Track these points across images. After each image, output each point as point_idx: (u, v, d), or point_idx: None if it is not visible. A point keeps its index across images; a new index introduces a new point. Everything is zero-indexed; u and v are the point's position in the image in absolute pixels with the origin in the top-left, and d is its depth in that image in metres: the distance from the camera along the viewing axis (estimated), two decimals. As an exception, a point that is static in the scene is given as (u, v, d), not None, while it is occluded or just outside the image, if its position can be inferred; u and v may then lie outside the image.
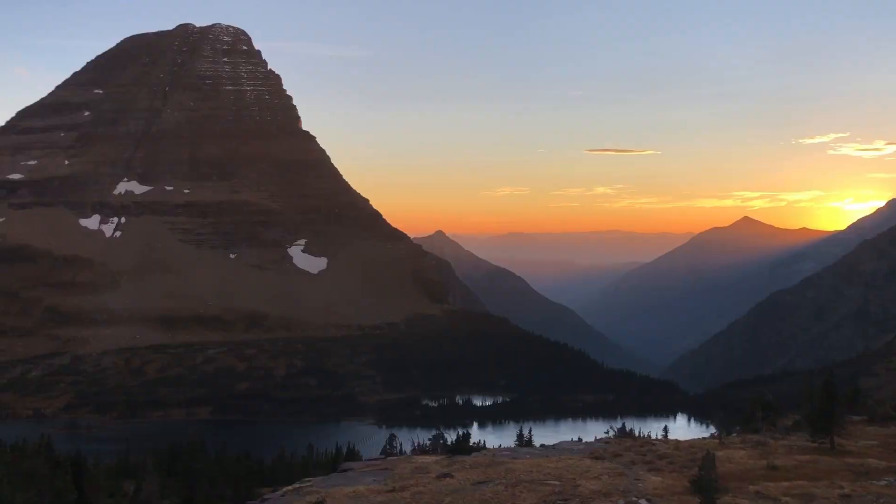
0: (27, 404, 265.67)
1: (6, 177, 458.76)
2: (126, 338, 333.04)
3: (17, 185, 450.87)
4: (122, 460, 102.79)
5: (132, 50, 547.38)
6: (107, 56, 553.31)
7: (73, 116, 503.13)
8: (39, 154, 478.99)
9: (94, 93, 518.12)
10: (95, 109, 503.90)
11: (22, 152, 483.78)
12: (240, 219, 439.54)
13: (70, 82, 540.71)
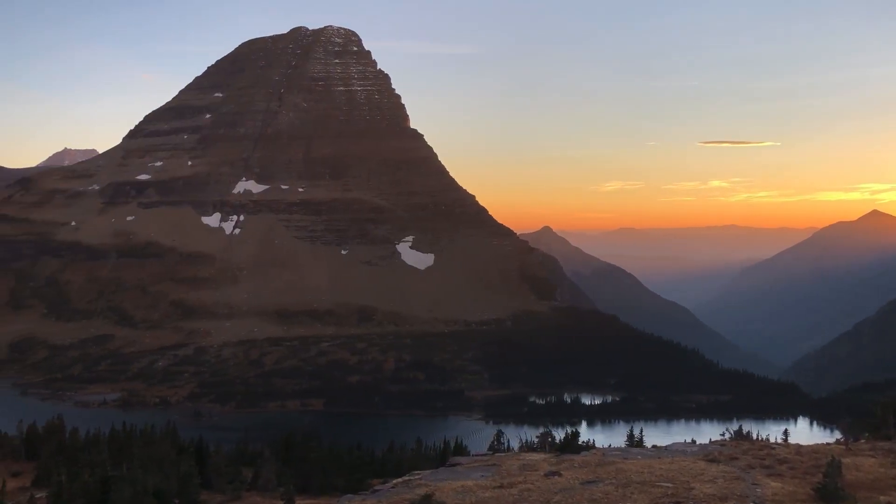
0: (155, 393, 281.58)
1: (135, 178, 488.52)
2: (245, 330, 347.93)
3: (144, 186, 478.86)
4: (240, 448, 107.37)
5: (249, 54, 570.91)
6: (226, 60, 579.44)
7: (195, 119, 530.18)
8: (165, 156, 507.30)
9: (215, 96, 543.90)
10: (216, 112, 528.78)
11: (149, 154, 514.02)
12: (351, 216, 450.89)
13: (192, 87, 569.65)
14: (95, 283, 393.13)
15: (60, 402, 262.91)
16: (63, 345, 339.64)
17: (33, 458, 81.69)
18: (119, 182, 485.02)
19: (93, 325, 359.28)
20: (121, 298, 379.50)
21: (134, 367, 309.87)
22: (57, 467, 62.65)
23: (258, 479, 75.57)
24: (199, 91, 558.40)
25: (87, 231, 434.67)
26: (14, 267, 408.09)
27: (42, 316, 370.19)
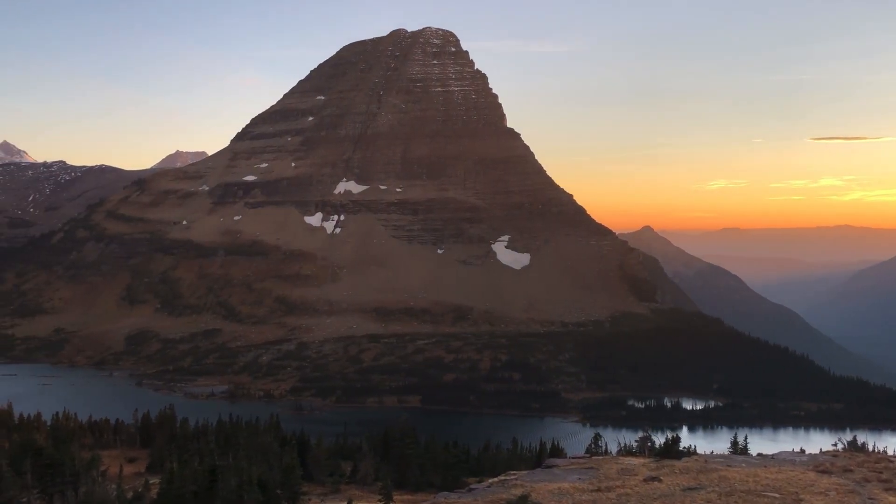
0: (259, 386, 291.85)
1: (242, 179, 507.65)
2: (344, 327, 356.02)
3: (251, 187, 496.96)
4: (340, 442, 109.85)
5: (350, 57, 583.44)
6: (328, 64, 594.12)
7: (298, 122, 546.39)
8: (270, 157, 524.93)
9: (317, 99, 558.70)
10: (318, 115, 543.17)
11: (255, 156, 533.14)
12: (447, 216, 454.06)
13: (296, 90, 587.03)
14: (205, 279, 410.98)
15: (172, 393, 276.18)
16: (174, 338, 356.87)
17: (147, 446, 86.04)
18: (227, 183, 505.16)
19: (202, 320, 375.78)
20: (228, 294, 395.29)
21: (240, 360, 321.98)
22: (169, 455, 65.75)
23: (357, 473, 77.14)
24: (302, 94, 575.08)
25: (197, 230, 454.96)
26: (130, 264, 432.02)
27: (155, 311, 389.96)
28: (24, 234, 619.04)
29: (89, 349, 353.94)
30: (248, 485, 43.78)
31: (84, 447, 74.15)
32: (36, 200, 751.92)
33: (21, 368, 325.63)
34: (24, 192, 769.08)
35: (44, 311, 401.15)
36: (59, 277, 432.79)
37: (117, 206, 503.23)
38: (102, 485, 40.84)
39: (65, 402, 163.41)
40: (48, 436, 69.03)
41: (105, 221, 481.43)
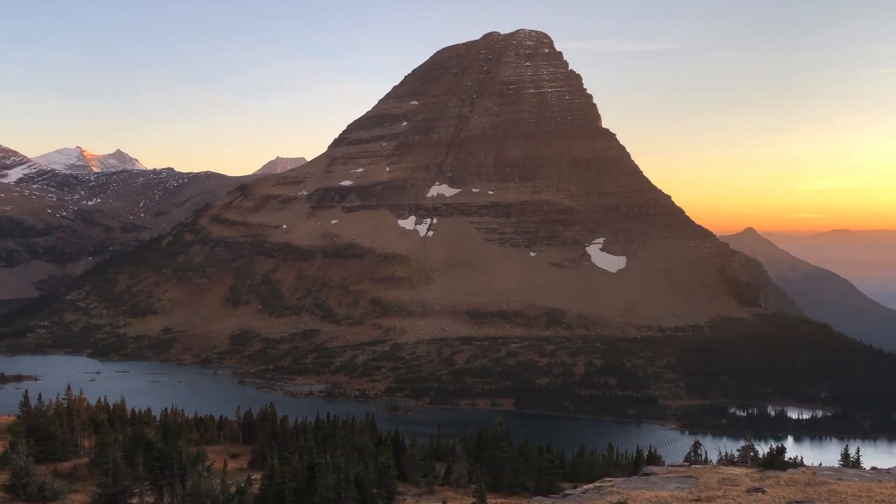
0: (355, 385, 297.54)
1: (339, 184, 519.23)
2: (437, 329, 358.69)
3: (347, 191, 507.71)
4: (434, 443, 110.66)
5: (444, 61, 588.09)
6: (422, 69, 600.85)
7: (393, 127, 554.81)
8: (366, 162, 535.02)
9: (411, 104, 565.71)
10: (412, 119, 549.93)
11: (351, 161, 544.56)
12: (540, 218, 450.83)
13: (390, 95, 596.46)
14: (304, 281, 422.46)
15: (272, 392, 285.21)
16: (275, 338, 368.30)
17: (249, 442, 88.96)
18: (325, 188, 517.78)
19: (301, 321, 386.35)
20: (325, 296, 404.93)
21: (336, 360, 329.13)
22: (270, 452, 67.73)
23: (450, 475, 77.42)
24: (396, 99, 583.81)
25: (296, 233, 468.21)
26: (234, 266, 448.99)
27: (257, 311, 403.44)
28: (136, 238, 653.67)
29: (195, 348, 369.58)
30: (346, 483, 44.60)
31: (190, 442, 77.36)
32: (146, 206, 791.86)
33: (133, 366, 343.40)
34: (136, 198, 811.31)
35: (153, 311, 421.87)
36: (168, 279, 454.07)
37: (222, 211, 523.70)
38: (208, 479, 42.43)
39: (173, 399, 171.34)
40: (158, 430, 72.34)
41: (210, 225, 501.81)
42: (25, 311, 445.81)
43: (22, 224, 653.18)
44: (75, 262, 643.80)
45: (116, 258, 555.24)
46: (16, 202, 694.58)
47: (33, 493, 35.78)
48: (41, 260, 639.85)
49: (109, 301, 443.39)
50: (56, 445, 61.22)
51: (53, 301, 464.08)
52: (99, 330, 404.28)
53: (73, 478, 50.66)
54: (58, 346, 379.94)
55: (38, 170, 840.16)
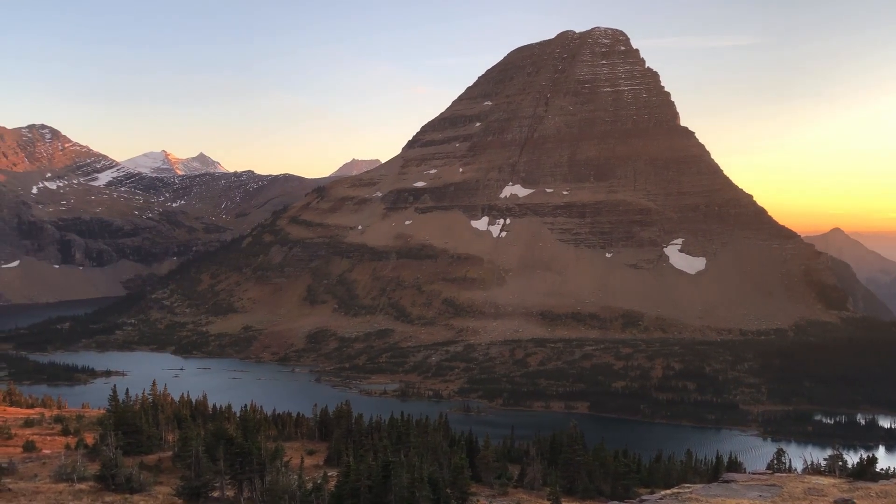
0: (428, 385, 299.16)
1: (412, 185, 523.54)
2: (510, 330, 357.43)
3: (420, 192, 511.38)
4: (507, 445, 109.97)
5: (518, 61, 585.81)
6: (495, 69, 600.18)
7: (466, 128, 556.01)
8: (439, 164, 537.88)
9: (485, 105, 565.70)
10: (485, 120, 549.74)
11: (425, 163, 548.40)
12: (616, 218, 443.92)
13: (464, 97, 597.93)
14: (378, 281, 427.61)
15: (347, 390, 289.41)
16: (350, 337, 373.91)
17: (325, 439, 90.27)
18: (399, 189, 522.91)
19: (375, 320, 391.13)
20: (399, 296, 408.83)
21: (410, 360, 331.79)
22: (346, 449, 68.57)
23: (524, 477, 76.76)
24: (470, 101, 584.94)
25: (371, 234, 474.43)
26: (311, 266, 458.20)
27: (333, 310, 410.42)
28: (218, 239, 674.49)
29: (274, 346, 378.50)
30: (420, 482, 44.71)
31: (269, 438, 79.04)
32: (228, 208, 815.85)
33: (214, 363, 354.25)
34: (218, 200, 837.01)
35: (234, 310, 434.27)
36: (248, 279, 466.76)
37: (299, 213, 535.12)
38: (285, 475, 43.18)
39: (252, 395, 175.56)
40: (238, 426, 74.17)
41: (288, 227, 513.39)
42: (114, 309, 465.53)
43: (111, 225, 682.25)
44: (161, 261, 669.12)
45: (199, 258, 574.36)
46: (105, 204, 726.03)
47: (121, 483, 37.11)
48: (129, 260, 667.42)
49: (192, 300, 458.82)
50: (142, 439, 63.43)
51: (140, 299, 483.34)
52: (182, 328, 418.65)
53: (157, 470, 52.37)
54: (144, 343, 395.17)
55: (126, 173, 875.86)
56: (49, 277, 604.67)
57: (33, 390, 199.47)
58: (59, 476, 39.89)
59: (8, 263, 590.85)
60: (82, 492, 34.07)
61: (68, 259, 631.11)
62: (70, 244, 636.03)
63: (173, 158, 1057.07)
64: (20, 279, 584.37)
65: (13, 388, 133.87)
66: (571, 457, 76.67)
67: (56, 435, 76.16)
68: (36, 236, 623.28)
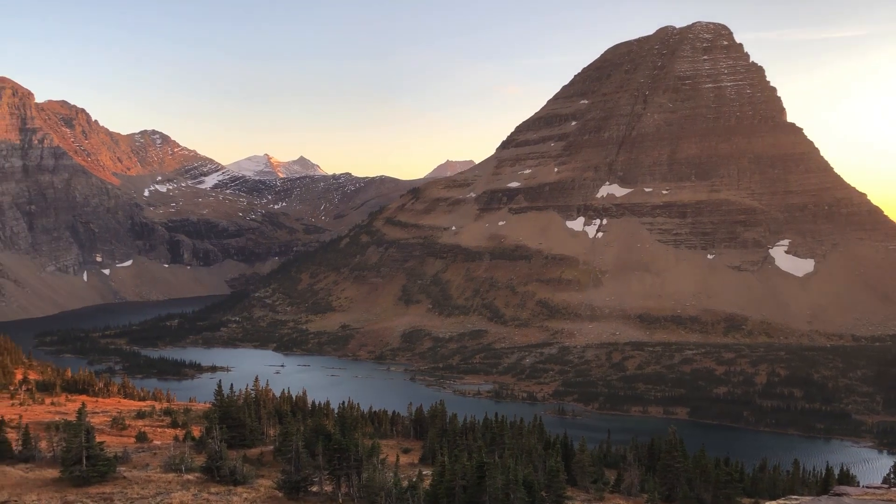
0: (522, 387, 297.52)
1: (506, 185, 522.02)
2: (607, 333, 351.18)
3: (514, 193, 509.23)
4: (603, 449, 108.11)
5: (615, 59, 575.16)
6: (592, 67, 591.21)
7: (561, 127, 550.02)
8: (533, 163, 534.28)
9: (581, 103, 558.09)
10: (581, 119, 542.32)
11: (519, 163, 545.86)
12: (719, 218, 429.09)
13: (559, 96, 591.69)
14: (472, 282, 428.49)
15: (441, 390, 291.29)
16: (444, 337, 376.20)
17: (420, 438, 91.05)
18: (492, 190, 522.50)
19: (469, 321, 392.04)
20: (493, 297, 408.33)
21: (504, 361, 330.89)
22: (440, 448, 68.83)
23: (621, 482, 75.18)
24: (565, 99, 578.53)
25: (465, 235, 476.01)
26: (406, 267, 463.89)
27: (427, 310, 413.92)
28: (317, 240, 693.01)
29: (370, 344, 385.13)
30: (515, 484, 44.31)
31: (365, 435, 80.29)
32: (326, 209, 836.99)
33: (313, 360, 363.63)
34: (317, 201, 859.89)
35: (332, 308, 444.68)
36: (346, 278, 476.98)
37: (395, 214, 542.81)
38: (381, 472, 43.61)
39: (349, 393, 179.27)
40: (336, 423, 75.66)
41: (384, 227, 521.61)
42: (219, 307, 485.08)
43: (217, 226, 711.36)
44: (263, 261, 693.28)
45: (299, 258, 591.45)
46: (211, 206, 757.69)
47: (226, 475, 38.31)
48: (233, 259, 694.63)
49: (293, 298, 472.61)
50: (245, 432, 65.49)
51: (244, 298, 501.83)
52: (283, 325, 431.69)
53: (259, 463, 53.92)
54: (247, 340, 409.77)
55: (230, 176, 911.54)
56: (159, 276, 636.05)
57: (145, 384, 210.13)
58: (169, 466, 41.56)
59: (122, 263, 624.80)
60: (189, 482, 35.38)
61: (177, 259, 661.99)
62: (179, 244, 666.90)
63: (275, 162, 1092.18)
64: (133, 278, 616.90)
65: (127, 382, 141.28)
66: (671, 463, 74.50)
67: (165, 427, 79.75)
68: (147, 237, 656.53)
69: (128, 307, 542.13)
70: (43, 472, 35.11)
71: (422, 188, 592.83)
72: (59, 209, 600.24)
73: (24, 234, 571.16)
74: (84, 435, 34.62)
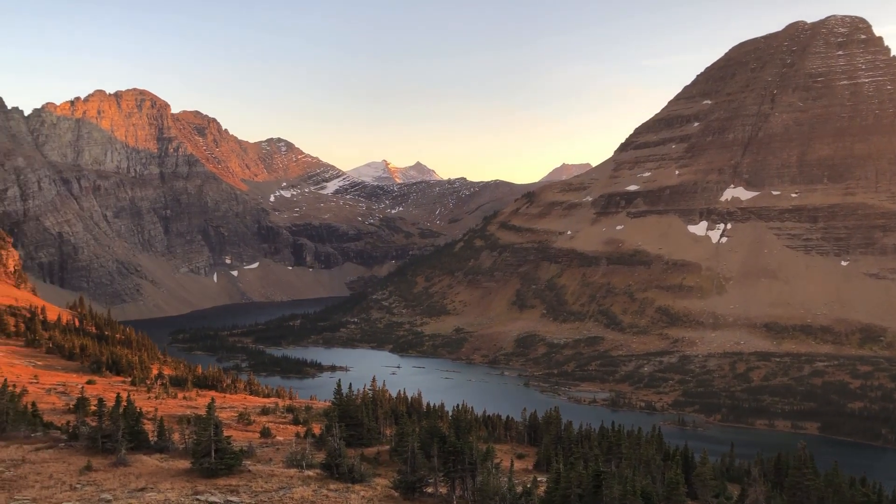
0: (640, 396, 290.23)
1: (625, 189, 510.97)
2: (731, 342, 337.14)
3: (633, 196, 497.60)
4: (726, 463, 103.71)
5: (741, 57, 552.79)
6: (715, 66, 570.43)
7: (683, 128, 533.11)
8: (653, 166, 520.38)
9: (703, 103, 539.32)
10: (704, 119, 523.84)
11: (638, 165, 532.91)
12: (854, 223, 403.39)
13: (681, 96, 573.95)
14: (588, 287, 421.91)
15: (556, 396, 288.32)
16: (559, 343, 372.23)
17: (534, 444, 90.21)
18: (610, 193, 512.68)
19: (584, 327, 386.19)
20: (610, 303, 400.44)
21: (621, 369, 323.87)
22: (555, 455, 67.95)
23: (745, 498, 71.77)
24: (687, 100, 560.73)
25: (581, 239, 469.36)
26: (520, 271, 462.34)
27: (541, 315, 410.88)
28: (432, 244, 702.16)
29: (484, 348, 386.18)
30: (633, 495, 43.07)
31: (479, 438, 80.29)
32: (441, 213, 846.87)
33: (428, 362, 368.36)
34: (432, 206, 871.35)
35: (447, 311, 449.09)
36: (460, 282, 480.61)
37: (509, 218, 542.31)
38: (496, 476, 43.43)
39: (463, 396, 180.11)
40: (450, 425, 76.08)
41: (498, 232, 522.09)
42: (339, 308, 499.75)
43: (337, 231, 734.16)
44: (380, 264, 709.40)
45: (415, 262, 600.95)
46: (333, 211, 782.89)
47: (344, 473, 39.19)
48: (352, 262, 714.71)
49: (409, 301, 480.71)
50: (363, 431, 66.85)
51: (362, 300, 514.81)
52: (400, 327, 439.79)
53: (376, 462, 54.85)
54: (365, 341, 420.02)
55: (350, 182, 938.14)
56: (283, 278, 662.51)
57: (269, 381, 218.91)
58: (290, 462, 42.95)
59: (249, 265, 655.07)
60: (310, 478, 36.41)
61: (300, 261, 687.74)
62: (302, 248, 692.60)
63: (393, 168, 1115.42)
64: (259, 279, 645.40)
65: (252, 379, 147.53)
66: (800, 480, 70.44)
67: (288, 424, 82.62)
68: (273, 240, 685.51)
69: (254, 307, 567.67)
70: (176, 463, 37.07)
71: (537, 192, 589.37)
72: (191, 214, 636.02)
73: (160, 237, 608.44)
74: (213, 429, 36.26)
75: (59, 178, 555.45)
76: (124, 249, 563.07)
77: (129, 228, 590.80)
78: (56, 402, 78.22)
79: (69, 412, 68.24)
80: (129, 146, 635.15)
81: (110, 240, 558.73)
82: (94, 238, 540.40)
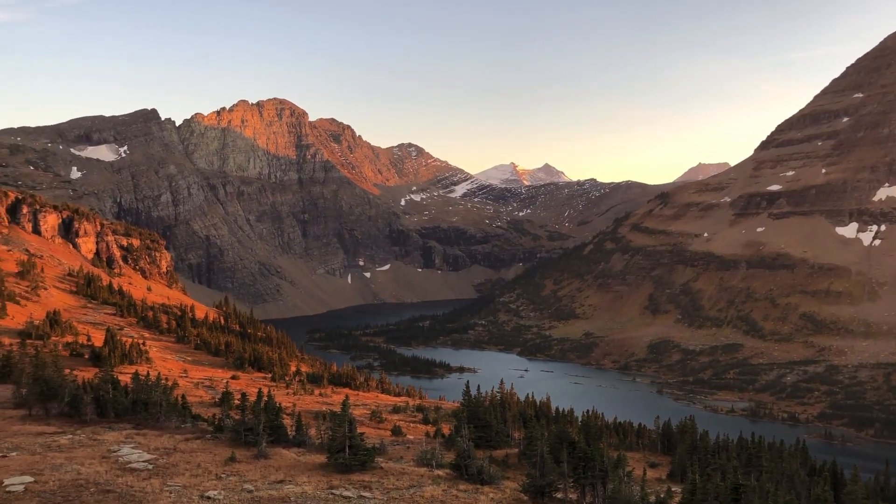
0: (782, 407, 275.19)
1: (766, 189, 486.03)
2: (885, 352, 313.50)
3: (775, 196, 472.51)
4: (880, 481, 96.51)
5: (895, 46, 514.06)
6: (868, 57, 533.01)
7: (830, 124, 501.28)
8: (797, 165, 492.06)
9: (854, 97, 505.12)
10: (855, 114, 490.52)
11: (781, 164, 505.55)
12: None
13: (828, 90, 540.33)
14: (725, 292, 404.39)
15: (691, 405, 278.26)
16: (694, 350, 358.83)
17: (667, 453, 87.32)
18: (750, 193, 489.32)
19: (722, 334, 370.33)
20: (750, 308, 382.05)
21: (762, 378, 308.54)
22: (690, 466, 65.52)
23: (904, 523, 66.50)
24: (835, 94, 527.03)
25: (718, 242, 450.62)
26: (653, 275, 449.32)
27: (676, 321, 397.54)
28: (561, 247, 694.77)
29: (615, 353, 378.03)
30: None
31: (610, 445, 78.62)
32: (570, 216, 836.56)
33: (556, 366, 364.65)
34: (561, 208, 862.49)
35: (576, 315, 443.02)
36: (589, 286, 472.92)
37: (641, 220, 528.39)
38: (628, 485, 42.28)
39: (592, 401, 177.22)
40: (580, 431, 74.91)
41: (630, 234, 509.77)
42: (467, 310, 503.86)
43: (465, 233, 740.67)
44: (508, 267, 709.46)
45: (543, 265, 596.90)
46: (461, 214, 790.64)
47: (473, 474, 39.28)
48: (480, 265, 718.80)
49: (536, 304, 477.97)
50: (491, 433, 66.99)
51: (489, 302, 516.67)
52: (527, 330, 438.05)
53: (504, 465, 54.77)
54: (492, 343, 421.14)
55: (478, 185, 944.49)
56: (413, 280, 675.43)
57: (399, 380, 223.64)
58: (421, 461, 43.52)
59: (381, 267, 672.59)
60: (440, 478, 36.74)
61: (429, 263, 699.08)
62: (431, 250, 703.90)
63: (520, 170, 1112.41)
64: (390, 281, 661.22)
65: (384, 378, 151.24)
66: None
67: (418, 423, 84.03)
68: (403, 243, 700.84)
69: (385, 308, 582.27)
70: (312, 457, 38.41)
71: (671, 193, 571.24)
72: (327, 217, 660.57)
73: (298, 240, 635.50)
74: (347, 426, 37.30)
75: (206, 185, 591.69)
76: (265, 251, 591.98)
77: (269, 231, 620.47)
78: (203, 395, 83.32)
79: (215, 405, 72.46)
80: (269, 153, 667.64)
81: (253, 242, 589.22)
82: (238, 241, 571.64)
